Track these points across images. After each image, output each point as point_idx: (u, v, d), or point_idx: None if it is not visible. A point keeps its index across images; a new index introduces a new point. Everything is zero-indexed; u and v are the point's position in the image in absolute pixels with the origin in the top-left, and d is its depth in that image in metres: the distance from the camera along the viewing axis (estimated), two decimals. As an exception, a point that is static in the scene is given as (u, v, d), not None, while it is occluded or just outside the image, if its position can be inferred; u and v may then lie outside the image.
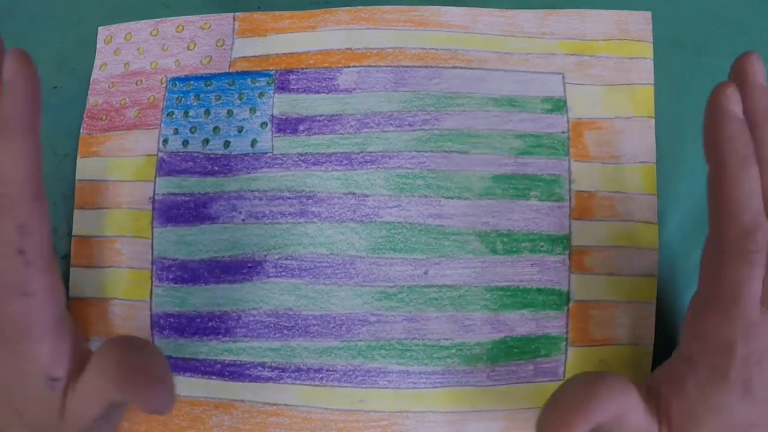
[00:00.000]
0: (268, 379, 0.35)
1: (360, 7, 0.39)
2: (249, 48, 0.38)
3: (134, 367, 0.27)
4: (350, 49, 0.38)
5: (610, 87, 0.37)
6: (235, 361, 0.35)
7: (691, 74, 0.38)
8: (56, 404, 0.28)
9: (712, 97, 0.26)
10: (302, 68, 0.38)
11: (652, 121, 0.37)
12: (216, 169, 0.37)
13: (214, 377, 0.35)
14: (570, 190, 0.36)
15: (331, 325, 0.35)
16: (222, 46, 0.39)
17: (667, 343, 0.35)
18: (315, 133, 0.37)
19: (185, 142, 0.37)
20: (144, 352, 0.28)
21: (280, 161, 0.37)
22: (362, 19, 0.38)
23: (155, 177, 0.37)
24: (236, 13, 0.39)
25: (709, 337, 0.27)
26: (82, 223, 0.37)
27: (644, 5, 0.39)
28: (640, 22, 0.38)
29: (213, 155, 0.37)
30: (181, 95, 0.38)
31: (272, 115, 0.37)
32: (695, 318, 0.28)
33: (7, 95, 0.25)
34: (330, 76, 0.38)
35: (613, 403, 0.27)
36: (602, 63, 0.37)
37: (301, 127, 0.37)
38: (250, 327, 0.36)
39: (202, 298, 0.36)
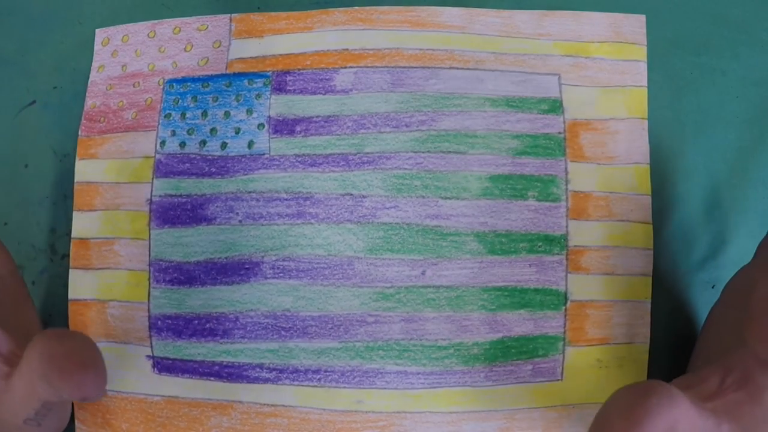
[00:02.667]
0: (266, 380, 0.35)
1: (357, 7, 0.39)
2: (246, 49, 0.38)
3: (61, 355, 0.26)
4: (347, 49, 0.38)
5: (605, 89, 0.37)
6: (233, 362, 0.35)
7: (690, 74, 0.38)
8: None
9: None
10: (299, 69, 0.38)
11: (646, 123, 0.37)
12: (213, 170, 0.37)
13: (212, 378, 0.35)
14: (566, 190, 0.36)
15: (329, 326, 0.35)
16: (219, 47, 0.39)
17: (662, 342, 0.36)
18: (312, 134, 0.37)
19: (182, 144, 0.37)
20: (71, 340, 0.28)
21: (277, 162, 0.37)
22: (359, 20, 0.38)
23: (152, 179, 0.37)
24: (233, 15, 0.39)
25: None
26: (80, 225, 0.37)
27: (643, 5, 0.39)
28: (634, 25, 0.38)
29: (210, 157, 0.37)
30: (178, 97, 0.38)
31: (269, 117, 0.37)
32: None
33: None
34: (327, 77, 0.38)
35: (662, 419, 0.26)
36: (597, 65, 0.38)
37: (298, 128, 0.37)
38: (248, 328, 0.36)
39: (199, 299, 0.36)
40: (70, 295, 0.37)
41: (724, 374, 0.28)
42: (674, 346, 0.36)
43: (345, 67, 0.38)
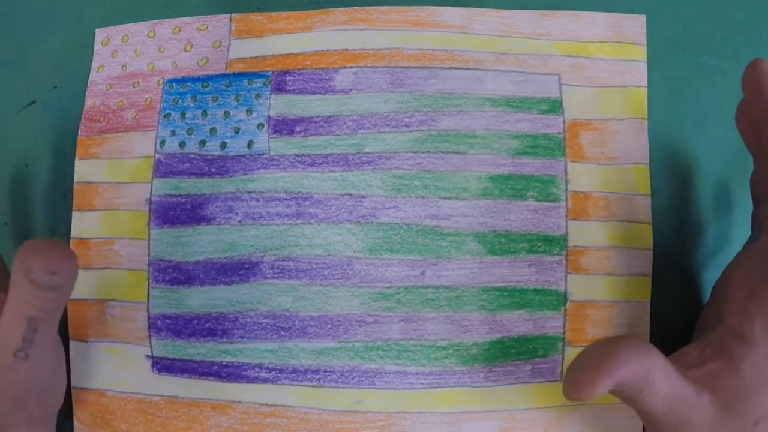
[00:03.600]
0: (266, 380, 0.35)
1: (357, 7, 0.39)
2: (245, 49, 0.38)
3: (36, 242, 0.28)
4: (347, 49, 0.38)
5: (605, 89, 0.37)
6: (233, 362, 0.35)
7: (690, 74, 0.38)
8: None
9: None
10: (299, 69, 0.38)
11: (646, 123, 0.37)
12: (213, 170, 0.37)
13: (211, 378, 0.35)
14: (566, 190, 0.36)
15: (329, 326, 0.35)
16: (218, 47, 0.39)
17: (662, 341, 0.35)
18: (311, 134, 0.37)
19: (182, 144, 0.37)
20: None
21: (276, 162, 0.37)
22: (359, 20, 0.38)
23: (152, 178, 0.37)
24: (233, 15, 0.39)
25: None
26: (80, 224, 0.37)
27: (643, 5, 0.39)
28: (634, 25, 0.38)
29: (210, 156, 0.37)
30: (178, 97, 0.38)
31: (269, 117, 0.37)
32: (753, 298, 0.29)
33: None
34: (326, 77, 0.38)
35: (635, 360, 0.27)
36: (597, 65, 0.37)
37: (298, 128, 0.37)
38: (248, 328, 0.36)
39: (199, 299, 0.36)
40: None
41: (704, 348, 0.30)
42: (674, 346, 0.36)
43: (345, 67, 0.38)
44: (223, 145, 0.37)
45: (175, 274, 0.36)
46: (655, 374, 0.27)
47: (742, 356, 0.28)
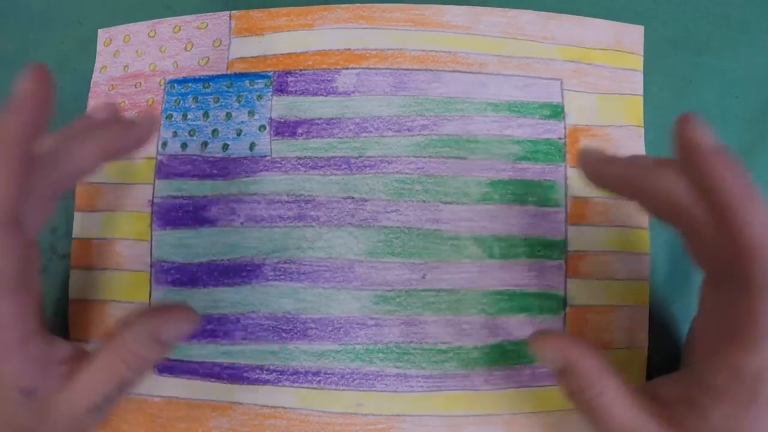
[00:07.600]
0: (266, 382, 0.35)
1: (359, 4, 0.38)
2: (246, 48, 0.38)
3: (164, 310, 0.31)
4: (349, 49, 0.38)
5: (604, 96, 0.37)
6: (234, 363, 0.36)
7: (690, 74, 0.38)
8: (35, 410, 0.28)
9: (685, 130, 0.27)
10: (300, 69, 0.38)
11: (642, 131, 0.37)
12: (215, 172, 0.37)
13: (212, 379, 0.36)
14: (566, 195, 0.36)
15: (329, 328, 0.36)
16: (219, 46, 0.38)
17: (660, 346, 0.36)
18: (314, 137, 0.37)
19: (184, 145, 0.37)
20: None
21: (278, 165, 0.37)
22: (361, 18, 0.38)
23: (154, 180, 0.37)
24: (232, 12, 0.39)
25: (740, 370, 0.26)
26: (82, 225, 0.37)
27: (644, 4, 0.39)
28: (633, 35, 0.38)
29: (212, 158, 0.37)
30: (180, 97, 0.38)
31: (271, 118, 0.37)
32: (715, 352, 0.27)
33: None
34: (328, 78, 0.37)
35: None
36: (598, 72, 0.38)
37: (300, 130, 0.37)
38: (249, 330, 0.36)
39: (201, 301, 0.36)
40: (71, 295, 0.37)
41: (671, 387, 0.29)
42: (673, 351, 0.36)
43: (347, 68, 0.38)
44: (225, 147, 0.37)
45: (177, 275, 0.36)
46: (612, 403, 0.28)
47: (710, 406, 0.27)
